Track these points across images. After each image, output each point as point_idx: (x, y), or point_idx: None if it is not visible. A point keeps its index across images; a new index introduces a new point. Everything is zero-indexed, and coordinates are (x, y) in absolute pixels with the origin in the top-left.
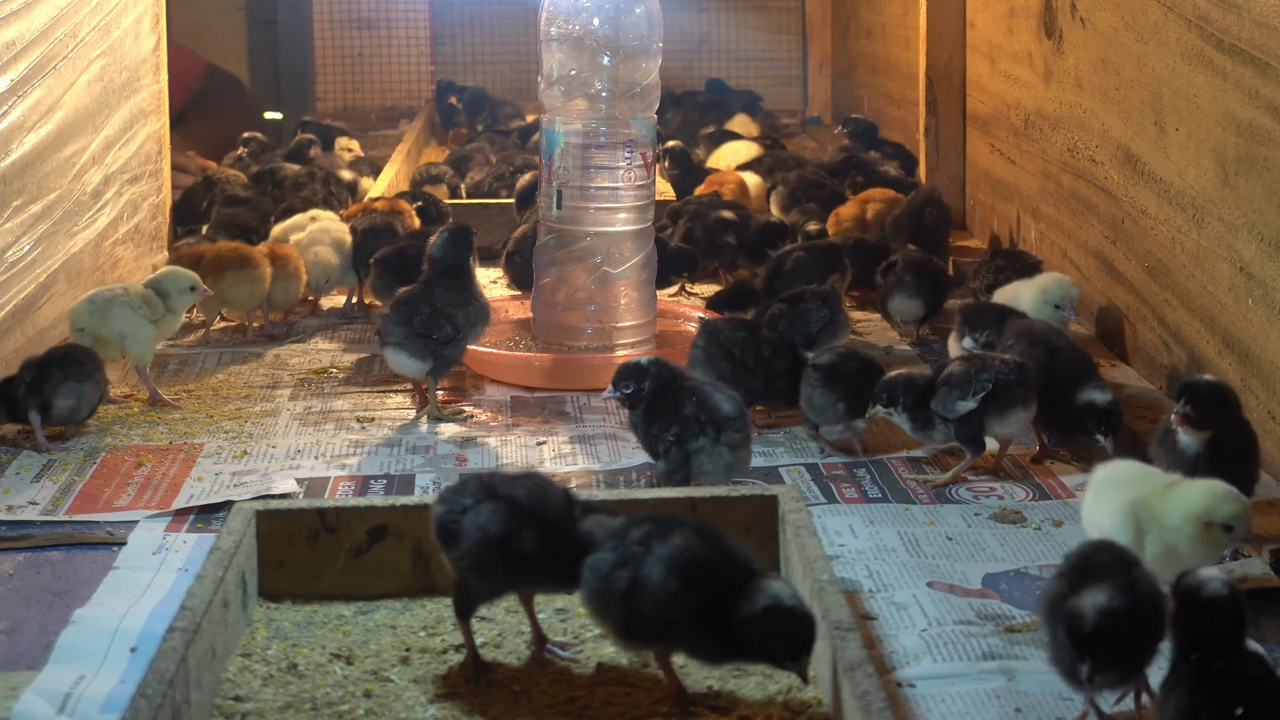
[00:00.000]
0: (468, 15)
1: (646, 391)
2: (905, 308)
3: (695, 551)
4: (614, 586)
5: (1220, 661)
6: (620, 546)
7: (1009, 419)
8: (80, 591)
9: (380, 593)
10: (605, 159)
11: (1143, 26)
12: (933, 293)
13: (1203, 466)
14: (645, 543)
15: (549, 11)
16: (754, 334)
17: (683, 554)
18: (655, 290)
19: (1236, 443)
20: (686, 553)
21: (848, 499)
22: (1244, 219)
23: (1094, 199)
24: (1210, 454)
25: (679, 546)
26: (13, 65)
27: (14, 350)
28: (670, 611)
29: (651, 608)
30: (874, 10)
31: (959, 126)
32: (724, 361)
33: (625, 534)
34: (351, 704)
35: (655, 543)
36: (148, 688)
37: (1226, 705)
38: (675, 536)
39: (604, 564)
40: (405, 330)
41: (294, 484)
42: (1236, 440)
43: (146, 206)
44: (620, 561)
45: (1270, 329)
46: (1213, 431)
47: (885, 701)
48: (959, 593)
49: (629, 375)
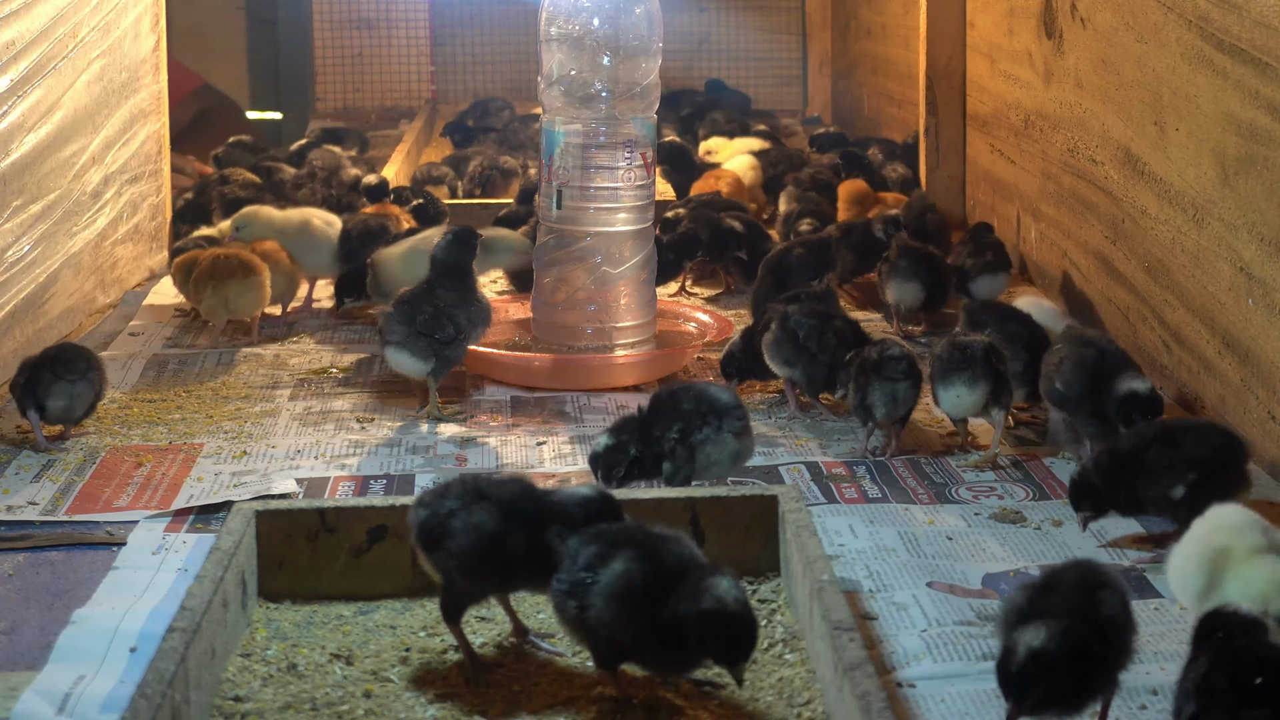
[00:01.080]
0: (468, 15)
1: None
2: (903, 293)
3: (634, 577)
4: (568, 615)
5: (1243, 640)
6: (570, 571)
7: (947, 396)
8: (80, 591)
9: (380, 593)
10: (605, 159)
11: (1143, 26)
12: (930, 277)
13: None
14: (591, 568)
15: (549, 11)
16: (823, 321)
17: (622, 580)
18: (655, 290)
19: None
20: (625, 579)
21: (848, 499)
22: (1244, 219)
23: (1094, 199)
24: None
25: (619, 573)
26: (13, 65)
27: (14, 350)
28: (619, 637)
29: (604, 634)
30: (874, 10)
31: (959, 126)
32: (789, 346)
33: (575, 557)
34: (351, 704)
35: (599, 569)
36: (147, 688)
37: (1246, 675)
38: (617, 560)
39: (558, 592)
40: (408, 329)
41: (294, 484)
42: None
43: (146, 206)
44: (570, 590)
45: (1270, 329)
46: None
47: (885, 701)
48: (959, 593)
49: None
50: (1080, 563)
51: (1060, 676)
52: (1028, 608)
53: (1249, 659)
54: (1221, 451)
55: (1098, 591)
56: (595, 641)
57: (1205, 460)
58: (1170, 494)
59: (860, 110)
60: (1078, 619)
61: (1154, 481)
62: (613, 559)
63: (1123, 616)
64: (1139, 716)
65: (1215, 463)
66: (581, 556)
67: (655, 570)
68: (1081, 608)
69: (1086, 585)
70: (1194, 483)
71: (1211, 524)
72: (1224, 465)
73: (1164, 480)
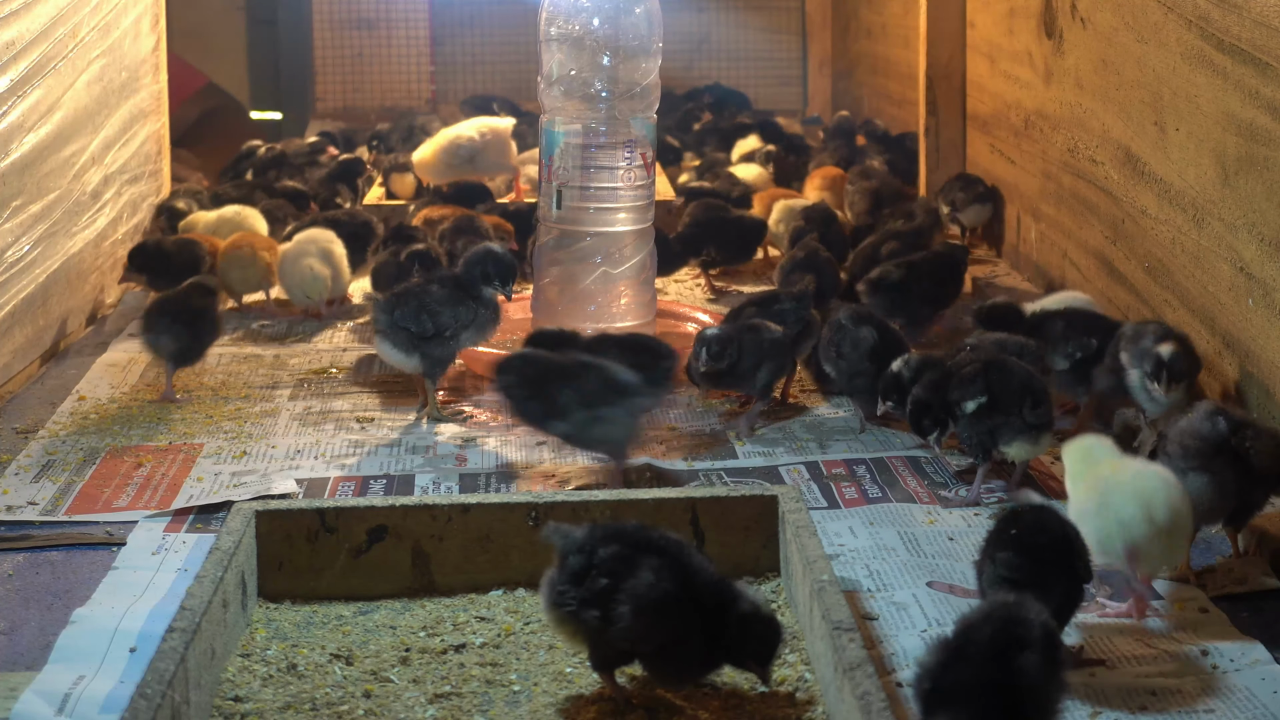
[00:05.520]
0: (468, 15)
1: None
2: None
3: (666, 588)
4: (585, 623)
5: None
6: (586, 579)
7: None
8: (80, 592)
9: (380, 593)
10: (605, 159)
11: (1143, 26)
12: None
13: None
14: (612, 575)
15: (549, 11)
16: (850, 328)
17: (653, 592)
18: (655, 291)
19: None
20: (657, 590)
21: (848, 499)
22: (1244, 219)
23: (1094, 199)
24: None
25: (648, 583)
26: (12, 65)
27: (14, 350)
28: (641, 646)
29: (623, 644)
30: (874, 10)
31: (959, 126)
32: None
33: (590, 559)
34: (351, 704)
35: (623, 578)
36: (147, 688)
37: (1004, 525)
38: (643, 570)
39: (569, 599)
40: (388, 319)
41: (294, 484)
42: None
43: (146, 206)
44: (587, 599)
45: (1270, 329)
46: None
47: (885, 701)
48: (959, 593)
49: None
50: (996, 615)
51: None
52: (940, 680)
53: (1010, 517)
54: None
55: (1014, 658)
56: (602, 647)
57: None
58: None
59: (860, 110)
60: (991, 697)
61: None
62: (638, 566)
63: (1043, 682)
64: (1139, 718)
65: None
66: (599, 555)
67: (681, 575)
68: (995, 683)
69: (1000, 648)
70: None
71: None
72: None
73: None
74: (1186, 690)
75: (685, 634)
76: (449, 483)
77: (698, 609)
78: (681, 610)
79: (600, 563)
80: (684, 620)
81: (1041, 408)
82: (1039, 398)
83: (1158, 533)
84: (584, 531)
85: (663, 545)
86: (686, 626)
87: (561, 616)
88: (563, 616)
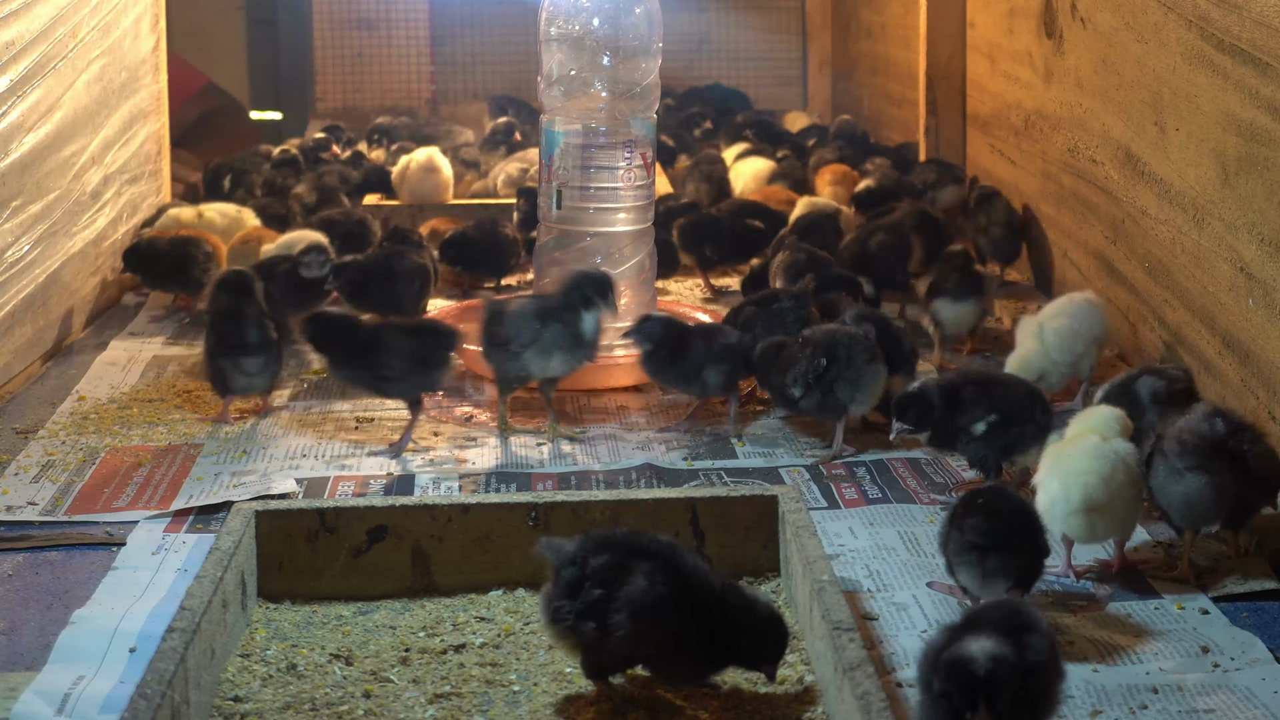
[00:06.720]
0: (468, 15)
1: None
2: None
3: (660, 591)
4: (583, 635)
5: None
6: (580, 591)
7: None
8: (79, 592)
9: (380, 593)
10: (605, 159)
11: (1143, 26)
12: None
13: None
14: (605, 584)
15: (549, 11)
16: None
17: (647, 597)
18: (655, 291)
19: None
20: (651, 595)
21: (848, 499)
22: (1244, 219)
23: (1094, 199)
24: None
25: (642, 589)
26: (12, 65)
27: (14, 350)
28: (642, 650)
29: (624, 650)
30: (874, 10)
31: (959, 126)
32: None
33: (583, 570)
34: (351, 704)
35: (617, 586)
36: (147, 688)
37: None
38: (636, 576)
39: (565, 614)
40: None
41: (294, 484)
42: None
43: (146, 207)
44: (583, 611)
45: (1270, 329)
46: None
47: (885, 701)
48: (959, 594)
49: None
50: (1003, 603)
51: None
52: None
53: (973, 494)
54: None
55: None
56: (602, 658)
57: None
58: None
59: (860, 110)
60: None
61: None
62: (631, 572)
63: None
64: (1139, 716)
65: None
66: (592, 564)
67: (675, 578)
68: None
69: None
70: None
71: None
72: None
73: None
74: (1187, 689)
75: (684, 634)
76: (449, 483)
77: (694, 609)
78: (678, 611)
79: (593, 573)
80: (681, 621)
81: (1048, 409)
82: (1044, 400)
83: (1074, 511)
84: (575, 544)
85: (654, 549)
86: (684, 627)
87: (560, 631)
88: (562, 631)
